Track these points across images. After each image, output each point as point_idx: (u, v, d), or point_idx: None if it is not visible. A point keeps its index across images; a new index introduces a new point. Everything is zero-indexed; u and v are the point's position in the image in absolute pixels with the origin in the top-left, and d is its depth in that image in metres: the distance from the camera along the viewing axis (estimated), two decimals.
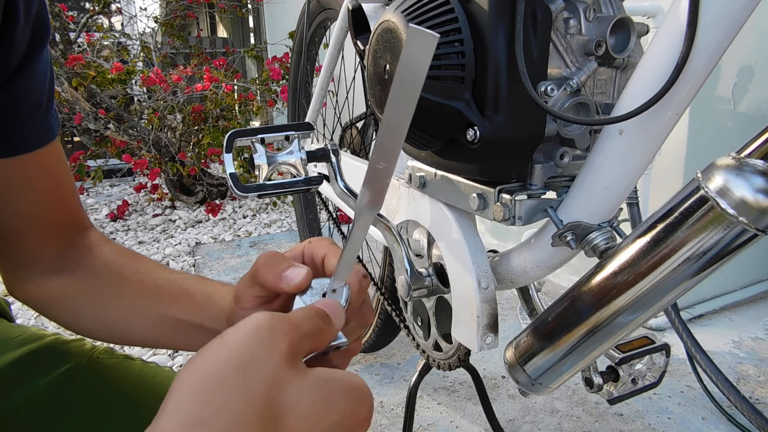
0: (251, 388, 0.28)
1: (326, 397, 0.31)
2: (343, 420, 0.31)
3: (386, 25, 0.58)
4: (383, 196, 0.33)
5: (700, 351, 0.93)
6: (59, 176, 0.55)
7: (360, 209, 0.34)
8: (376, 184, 0.32)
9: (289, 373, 0.30)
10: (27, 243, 0.54)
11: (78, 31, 2.99)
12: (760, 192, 0.35)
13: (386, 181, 0.32)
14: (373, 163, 0.31)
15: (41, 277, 0.55)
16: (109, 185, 3.66)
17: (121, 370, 0.56)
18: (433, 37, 0.26)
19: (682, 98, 0.46)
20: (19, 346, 0.52)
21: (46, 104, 0.51)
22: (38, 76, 0.49)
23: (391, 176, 0.32)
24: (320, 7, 1.32)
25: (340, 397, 0.32)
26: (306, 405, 0.30)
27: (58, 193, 0.55)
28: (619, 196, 0.52)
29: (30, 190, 0.52)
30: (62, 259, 0.55)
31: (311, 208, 1.70)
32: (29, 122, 0.50)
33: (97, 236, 0.59)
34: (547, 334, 0.52)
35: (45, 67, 0.50)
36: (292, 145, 0.53)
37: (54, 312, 0.56)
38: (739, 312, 1.61)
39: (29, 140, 0.50)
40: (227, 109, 2.83)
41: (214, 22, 5.30)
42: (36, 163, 0.51)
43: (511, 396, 1.23)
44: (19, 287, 0.56)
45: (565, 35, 0.54)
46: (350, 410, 0.31)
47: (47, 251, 0.55)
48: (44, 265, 0.55)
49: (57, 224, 0.55)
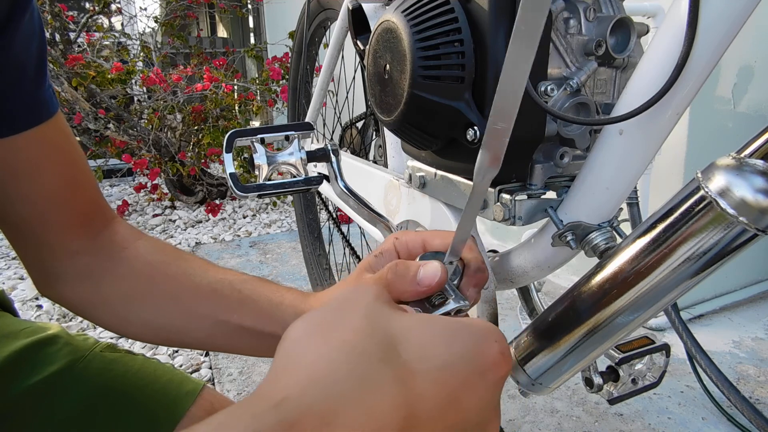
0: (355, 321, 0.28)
1: (440, 329, 0.29)
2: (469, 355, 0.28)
3: (386, 25, 0.58)
4: (502, 156, 0.33)
5: (700, 351, 0.93)
6: (71, 157, 0.50)
7: (480, 171, 0.34)
8: (495, 145, 0.32)
9: (387, 307, 0.30)
10: (49, 236, 0.50)
11: (78, 31, 2.99)
12: (760, 192, 0.35)
13: (505, 140, 0.32)
14: (492, 125, 0.31)
15: (72, 278, 0.52)
16: (109, 185, 3.66)
17: (122, 364, 0.56)
18: None
19: (682, 98, 0.46)
20: (24, 338, 0.51)
21: (35, 77, 0.46)
22: (19, 44, 0.44)
23: (509, 135, 0.31)
24: (320, 7, 1.32)
25: (458, 330, 0.29)
26: (417, 333, 0.28)
27: (72, 177, 0.51)
28: (619, 196, 0.52)
29: (41, 176, 0.48)
30: (95, 257, 0.52)
31: (311, 208, 1.70)
32: (16, 98, 0.45)
33: (127, 230, 0.55)
34: (547, 334, 0.52)
35: (28, 36, 0.45)
36: (292, 145, 0.53)
37: (96, 315, 0.54)
38: (739, 312, 1.61)
39: (22, 118, 0.46)
40: (227, 109, 2.83)
41: (214, 22, 5.30)
42: (41, 143, 0.47)
43: (511, 396, 1.23)
44: (50, 288, 0.53)
45: (565, 35, 0.54)
46: (473, 344, 0.28)
47: (73, 245, 0.51)
48: (75, 263, 0.52)
49: (77, 212, 0.51)
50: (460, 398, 0.27)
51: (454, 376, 0.27)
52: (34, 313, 1.71)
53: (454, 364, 0.27)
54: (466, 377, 0.27)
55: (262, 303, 0.51)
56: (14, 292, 1.86)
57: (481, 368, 0.28)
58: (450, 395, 0.27)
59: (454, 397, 0.27)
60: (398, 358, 0.26)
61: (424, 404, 0.26)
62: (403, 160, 0.85)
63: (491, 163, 0.33)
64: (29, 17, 0.45)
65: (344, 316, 0.28)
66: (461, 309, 0.37)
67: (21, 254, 0.53)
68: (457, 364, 0.27)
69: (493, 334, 0.30)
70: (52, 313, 1.70)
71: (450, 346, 0.28)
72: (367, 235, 1.02)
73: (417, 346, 0.27)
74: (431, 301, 0.37)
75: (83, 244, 0.52)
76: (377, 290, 0.31)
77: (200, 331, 0.52)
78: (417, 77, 0.53)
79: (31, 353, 0.51)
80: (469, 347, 0.28)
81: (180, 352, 1.48)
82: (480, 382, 0.28)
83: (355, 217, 0.86)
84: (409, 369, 0.26)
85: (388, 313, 0.29)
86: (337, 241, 1.53)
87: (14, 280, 2.00)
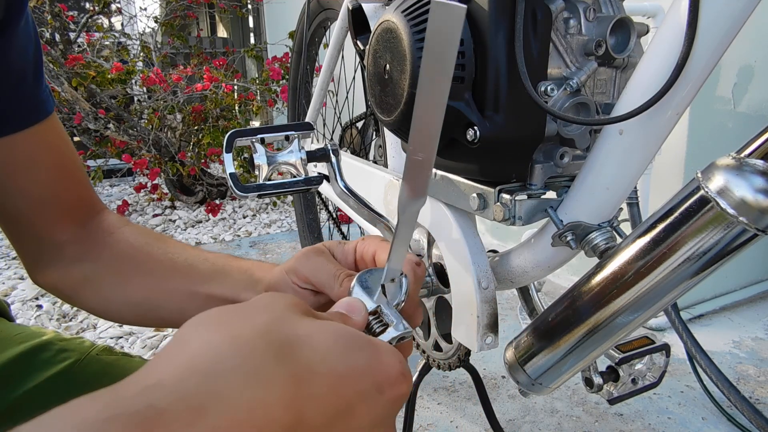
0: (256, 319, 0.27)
1: (345, 338, 0.28)
2: (370, 368, 0.27)
3: (386, 25, 0.58)
4: (426, 187, 0.31)
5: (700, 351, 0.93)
6: (64, 154, 0.54)
7: (403, 204, 0.33)
8: (416, 176, 0.31)
9: (297, 313, 0.28)
10: (42, 227, 0.54)
11: (78, 31, 2.99)
12: (760, 192, 0.35)
13: (427, 172, 0.30)
14: (411, 155, 0.30)
15: (64, 264, 0.55)
16: (109, 185, 3.66)
17: (119, 367, 0.56)
18: (460, 8, 0.24)
19: (682, 98, 0.46)
20: (20, 344, 0.52)
21: (33, 80, 0.50)
22: (18, 48, 0.47)
23: (431, 166, 0.30)
24: (320, 7, 1.31)
25: (364, 344, 0.28)
26: (321, 338, 0.27)
27: (65, 172, 0.54)
28: (619, 196, 0.52)
29: (36, 171, 0.52)
30: (83, 244, 0.55)
31: (311, 208, 1.70)
32: (15, 99, 0.48)
33: (115, 218, 0.58)
34: (547, 334, 0.52)
35: (26, 40, 0.48)
36: (292, 145, 0.53)
37: (81, 298, 0.56)
38: (739, 312, 1.61)
39: (20, 117, 0.49)
40: (227, 109, 2.83)
41: (214, 22, 5.30)
42: (37, 141, 0.51)
43: (511, 396, 1.23)
44: (42, 275, 0.56)
45: (565, 35, 0.54)
46: (375, 359, 0.28)
47: (64, 235, 0.54)
48: (64, 250, 0.54)
49: (69, 205, 0.55)
50: (353, 409, 0.26)
51: (351, 385, 0.27)
52: (33, 313, 1.71)
53: (352, 374, 0.27)
54: (363, 390, 0.27)
55: (234, 273, 0.52)
56: (14, 292, 1.86)
57: (380, 384, 0.27)
58: (344, 404, 0.26)
59: (347, 406, 0.26)
60: (295, 359, 0.26)
61: (315, 408, 0.25)
62: (403, 160, 0.85)
63: (414, 194, 0.32)
64: (24, 22, 0.47)
65: (247, 314, 0.27)
66: (404, 336, 0.35)
67: (16, 245, 0.55)
68: (356, 375, 0.27)
69: (397, 355, 0.29)
70: (52, 313, 1.70)
71: (351, 356, 0.27)
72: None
73: (317, 351, 0.26)
74: (371, 328, 0.35)
75: (74, 233, 0.55)
76: (294, 299, 0.30)
77: (174, 304, 0.53)
78: (417, 77, 0.53)
79: (25, 360, 0.51)
80: (371, 361, 0.28)
81: None
82: (377, 398, 0.27)
83: (355, 217, 0.86)
84: (306, 369, 0.25)
85: (295, 318, 0.28)
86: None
87: (14, 280, 2.00)
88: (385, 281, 0.37)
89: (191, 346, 0.25)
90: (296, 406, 0.24)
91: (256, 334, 0.26)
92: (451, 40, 0.25)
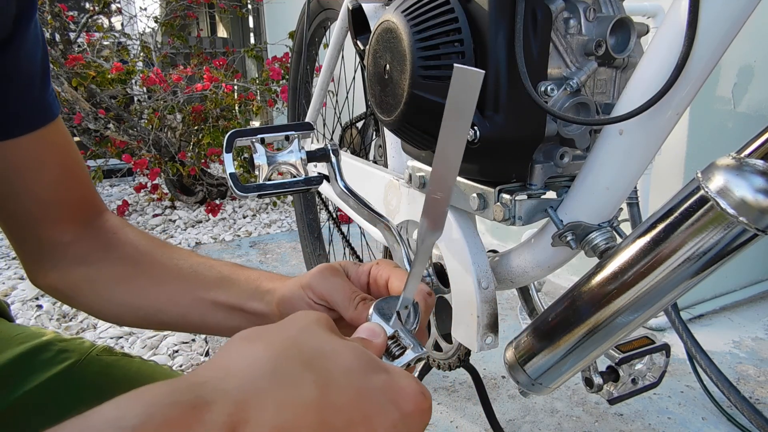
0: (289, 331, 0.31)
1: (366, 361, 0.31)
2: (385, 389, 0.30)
3: (386, 25, 0.58)
4: (443, 222, 0.35)
5: (700, 351, 0.93)
6: (69, 155, 0.55)
7: (422, 236, 0.37)
8: (434, 212, 0.35)
9: (325, 330, 0.32)
10: (45, 228, 0.54)
11: (78, 31, 2.99)
12: (760, 192, 0.35)
13: (444, 209, 0.34)
14: (431, 194, 0.34)
15: (65, 265, 0.55)
16: (109, 185, 3.66)
17: (119, 367, 0.56)
18: (479, 73, 0.27)
19: (682, 98, 0.46)
20: (20, 344, 0.52)
21: (40, 83, 0.51)
22: (26, 52, 0.48)
23: (448, 204, 0.34)
24: (320, 7, 1.31)
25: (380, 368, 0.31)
26: (347, 355, 0.30)
27: (71, 173, 0.55)
28: (619, 196, 0.52)
29: (44, 172, 0.53)
30: (85, 245, 0.56)
31: (311, 208, 1.70)
32: (24, 102, 0.50)
33: (116, 220, 0.59)
34: (547, 334, 0.52)
35: (34, 44, 0.49)
36: (292, 145, 0.53)
37: (80, 298, 0.56)
38: (739, 312, 1.61)
39: (28, 120, 0.50)
40: (227, 109, 2.83)
41: (214, 22, 5.30)
42: (44, 143, 0.52)
43: (511, 396, 1.23)
44: (42, 276, 0.56)
45: (565, 35, 0.54)
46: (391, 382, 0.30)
47: (66, 236, 0.55)
48: (67, 251, 0.55)
49: (73, 206, 0.56)
50: (371, 421, 0.29)
51: (369, 399, 0.29)
52: (34, 313, 1.71)
53: (370, 389, 0.29)
54: (380, 405, 0.29)
55: (241, 282, 0.53)
56: (14, 292, 1.86)
57: (397, 401, 0.30)
58: (361, 416, 0.28)
59: (364, 418, 0.29)
60: (320, 368, 0.29)
61: (336, 415, 0.28)
62: (403, 160, 0.85)
63: (432, 227, 0.36)
64: (33, 26, 0.48)
65: (281, 328, 0.32)
66: (421, 358, 0.39)
67: (18, 245, 0.56)
68: (373, 390, 0.29)
69: (412, 377, 0.32)
70: (52, 314, 1.70)
71: (370, 374, 0.30)
72: (367, 235, 1.02)
73: (341, 365, 0.30)
74: (390, 351, 0.39)
75: (78, 233, 0.56)
76: (321, 316, 0.34)
77: (176, 309, 0.54)
78: (417, 77, 0.53)
79: (25, 361, 0.51)
80: (387, 381, 0.30)
81: (180, 352, 1.48)
82: (394, 413, 0.29)
83: (355, 217, 0.86)
84: (329, 379, 0.28)
85: (324, 334, 0.32)
86: (337, 241, 1.53)
87: (14, 280, 2.00)
88: (399, 308, 0.41)
89: (231, 354, 0.29)
90: (319, 410, 0.27)
91: (289, 344, 0.30)
92: (470, 99, 0.28)
